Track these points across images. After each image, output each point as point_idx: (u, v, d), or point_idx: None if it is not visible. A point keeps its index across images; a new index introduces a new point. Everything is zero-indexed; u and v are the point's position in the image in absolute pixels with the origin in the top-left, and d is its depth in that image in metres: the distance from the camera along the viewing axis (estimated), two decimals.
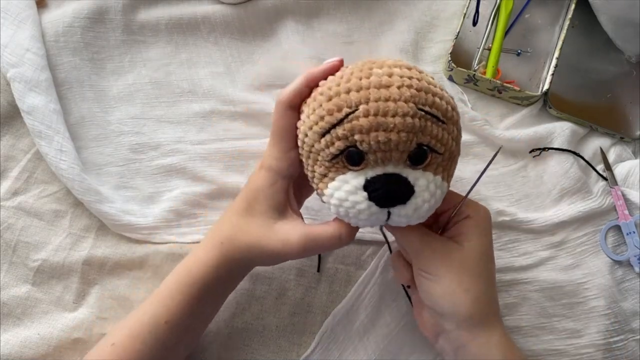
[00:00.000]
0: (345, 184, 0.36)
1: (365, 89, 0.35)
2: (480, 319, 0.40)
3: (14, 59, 0.52)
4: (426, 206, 0.36)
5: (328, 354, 0.49)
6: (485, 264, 0.41)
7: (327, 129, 0.35)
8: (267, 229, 0.41)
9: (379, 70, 0.35)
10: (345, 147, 0.35)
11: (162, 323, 0.42)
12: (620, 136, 0.57)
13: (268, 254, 0.41)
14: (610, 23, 0.57)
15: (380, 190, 0.35)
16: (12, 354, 0.48)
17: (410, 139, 0.34)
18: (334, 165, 0.36)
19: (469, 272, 0.40)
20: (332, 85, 0.36)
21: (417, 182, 0.36)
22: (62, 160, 0.50)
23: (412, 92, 0.34)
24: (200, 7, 0.58)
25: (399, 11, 0.60)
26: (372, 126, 0.34)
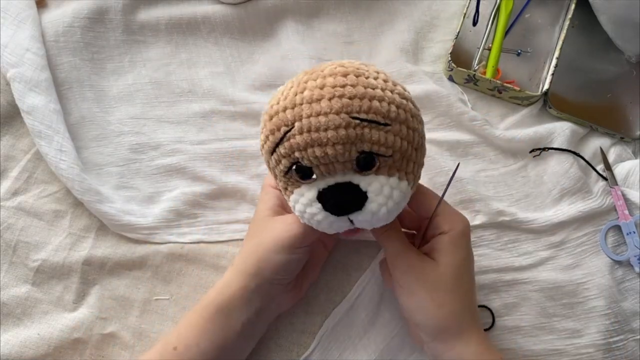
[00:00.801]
0: (301, 197, 0.37)
1: (299, 105, 0.34)
2: (455, 332, 0.41)
3: (14, 59, 0.52)
4: (384, 209, 0.36)
5: (328, 354, 0.49)
6: (459, 280, 0.41)
7: (273, 148, 0.36)
8: (265, 223, 0.44)
9: (313, 83, 0.35)
10: (291, 163, 0.36)
11: (170, 349, 0.42)
12: (620, 136, 0.57)
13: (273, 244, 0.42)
14: (610, 23, 0.57)
15: (332, 201, 0.36)
16: (12, 354, 0.48)
17: (348, 150, 0.34)
18: (289, 179, 0.37)
19: (441, 288, 0.41)
20: (273, 103, 0.37)
21: (369, 187, 0.36)
22: (62, 160, 0.50)
23: (343, 101, 0.34)
24: (200, 7, 0.58)
25: (399, 11, 0.60)
26: (307, 143, 0.34)
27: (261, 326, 0.47)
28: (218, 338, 0.43)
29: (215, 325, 0.43)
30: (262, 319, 0.46)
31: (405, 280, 0.42)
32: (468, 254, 0.43)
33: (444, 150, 0.56)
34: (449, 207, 0.44)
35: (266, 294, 0.44)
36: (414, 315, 0.43)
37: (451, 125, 0.56)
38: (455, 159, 0.56)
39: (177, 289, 0.51)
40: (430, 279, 0.41)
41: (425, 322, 0.42)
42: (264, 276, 0.43)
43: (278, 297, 0.46)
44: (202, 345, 0.42)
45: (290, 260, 0.43)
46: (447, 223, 0.42)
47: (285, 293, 0.47)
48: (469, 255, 0.43)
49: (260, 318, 0.45)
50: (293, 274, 0.45)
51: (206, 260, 0.51)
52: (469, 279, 0.43)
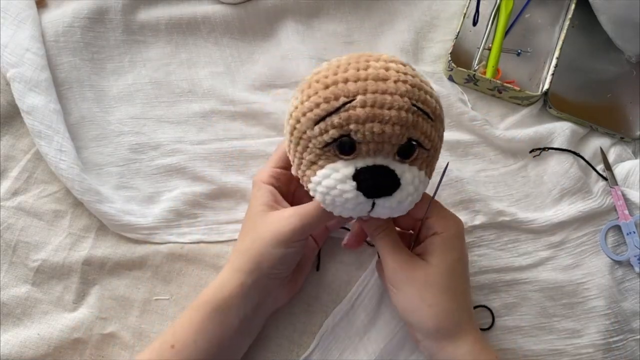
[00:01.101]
0: (335, 172, 0.36)
1: (363, 80, 0.35)
2: (447, 332, 0.42)
3: (13, 59, 0.52)
4: (409, 199, 0.37)
5: (328, 354, 0.49)
6: (450, 280, 0.42)
7: (323, 116, 0.36)
8: (261, 218, 0.44)
9: (376, 64, 0.36)
10: (340, 135, 0.36)
11: (167, 348, 0.42)
12: (620, 136, 0.57)
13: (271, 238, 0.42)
14: (610, 23, 0.57)
15: (370, 181, 0.36)
16: (12, 354, 0.48)
17: (403, 133, 0.35)
18: (325, 153, 0.37)
19: (432, 289, 0.41)
20: (328, 73, 0.37)
21: (403, 175, 0.36)
22: (62, 160, 0.50)
23: (407, 87, 0.35)
24: (200, 7, 0.58)
25: (399, 11, 0.60)
26: (369, 117, 0.34)
27: (258, 322, 0.47)
28: (215, 335, 0.43)
29: (213, 322, 0.43)
30: (259, 315, 0.46)
31: (396, 280, 0.43)
32: (461, 255, 0.43)
33: (444, 150, 0.55)
34: (442, 208, 0.44)
35: (263, 289, 0.44)
36: (406, 314, 0.43)
37: (451, 125, 0.56)
38: (455, 159, 0.56)
39: (177, 289, 0.51)
40: (421, 279, 0.41)
41: (417, 321, 0.43)
42: (261, 271, 0.43)
43: (275, 291, 0.46)
44: (200, 342, 0.42)
45: (288, 254, 0.43)
46: (439, 224, 0.43)
47: (281, 287, 0.47)
48: (462, 257, 0.43)
49: (258, 314, 0.45)
50: (290, 267, 0.46)
51: (206, 260, 0.51)
52: (462, 279, 0.43)
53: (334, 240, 0.52)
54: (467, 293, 0.44)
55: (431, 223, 0.43)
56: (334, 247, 0.52)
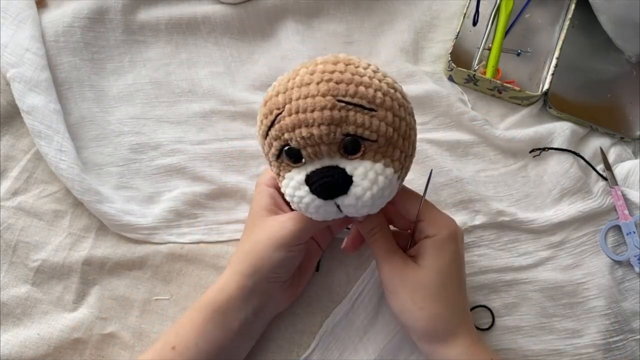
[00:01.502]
0: (291, 180, 0.38)
1: (290, 89, 0.36)
2: (440, 335, 0.42)
3: (13, 59, 0.52)
4: (368, 194, 0.37)
5: (328, 354, 0.49)
6: (443, 283, 0.42)
7: (265, 131, 0.38)
8: (261, 222, 0.44)
9: (304, 69, 0.37)
10: (281, 146, 0.37)
11: (168, 349, 0.42)
12: (620, 136, 0.57)
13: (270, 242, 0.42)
14: (610, 23, 0.57)
15: (318, 183, 0.36)
16: (12, 354, 0.48)
17: (333, 131, 0.35)
18: (281, 164, 0.39)
19: (423, 292, 0.42)
20: (269, 90, 0.38)
21: (354, 171, 0.36)
22: (62, 160, 0.50)
23: (330, 85, 0.35)
24: (200, 7, 0.58)
25: (399, 11, 0.60)
26: (295, 124, 0.36)
27: (259, 326, 0.47)
28: (217, 338, 0.43)
29: (214, 325, 0.43)
30: (260, 319, 0.46)
31: (389, 283, 0.43)
32: (454, 258, 0.43)
33: (444, 150, 0.56)
34: (435, 211, 0.44)
35: (264, 292, 0.44)
36: (399, 316, 0.44)
37: (451, 125, 0.56)
38: (455, 159, 0.56)
39: (177, 289, 0.51)
40: (412, 282, 0.42)
41: (409, 323, 0.43)
42: (261, 274, 0.43)
43: (275, 295, 0.46)
44: (201, 344, 0.42)
45: (287, 258, 0.43)
46: (432, 227, 0.43)
47: (282, 291, 0.47)
48: (455, 259, 0.43)
49: (259, 317, 0.45)
50: (290, 271, 0.46)
51: (206, 261, 0.51)
52: (456, 282, 0.43)
53: (333, 240, 0.52)
54: (461, 295, 0.44)
55: (423, 226, 0.43)
56: (334, 247, 0.52)
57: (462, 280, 0.44)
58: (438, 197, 0.53)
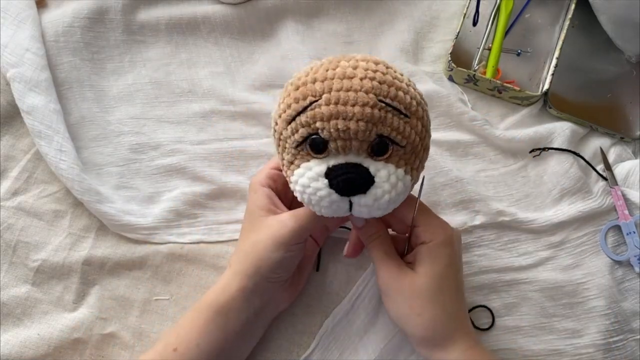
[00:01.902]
0: (309, 170, 0.37)
1: (330, 79, 0.36)
2: (436, 340, 0.42)
3: (13, 59, 0.52)
4: (386, 197, 0.37)
5: (328, 354, 0.49)
6: (439, 288, 0.42)
7: (293, 116, 0.36)
8: (259, 222, 0.44)
9: (345, 63, 0.37)
10: (308, 134, 0.36)
11: (170, 350, 0.42)
12: (620, 136, 0.57)
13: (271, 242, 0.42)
14: (610, 23, 0.57)
15: (340, 178, 0.36)
16: (12, 354, 0.48)
17: (369, 129, 0.35)
18: (299, 152, 0.38)
19: (419, 298, 0.42)
20: (301, 75, 0.37)
21: (378, 172, 0.36)
22: (62, 160, 0.50)
23: (373, 84, 0.35)
24: (200, 7, 0.58)
25: (399, 11, 0.60)
26: (332, 114, 0.35)
27: (261, 326, 0.47)
28: (218, 339, 0.43)
29: (215, 326, 0.43)
30: (261, 319, 0.46)
31: (386, 288, 0.43)
32: (449, 262, 0.43)
33: (444, 150, 0.56)
34: (430, 216, 0.44)
35: (265, 292, 0.44)
36: (397, 322, 0.44)
37: (451, 125, 0.56)
38: (455, 159, 0.56)
39: (177, 289, 0.51)
40: (407, 288, 0.42)
41: (407, 329, 0.43)
42: (262, 275, 0.43)
43: (276, 295, 0.46)
44: (203, 346, 0.42)
45: (287, 258, 0.43)
46: (427, 233, 0.43)
47: (282, 291, 0.47)
48: (450, 264, 0.43)
49: (260, 318, 0.46)
50: (290, 271, 0.46)
51: (206, 261, 0.51)
52: (453, 286, 0.43)
53: (333, 240, 0.52)
54: (458, 299, 0.44)
55: (419, 232, 0.43)
56: (334, 247, 0.52)
57: (459, 284, 0.44)
58: (438, 197, 0.53)
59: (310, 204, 0.38)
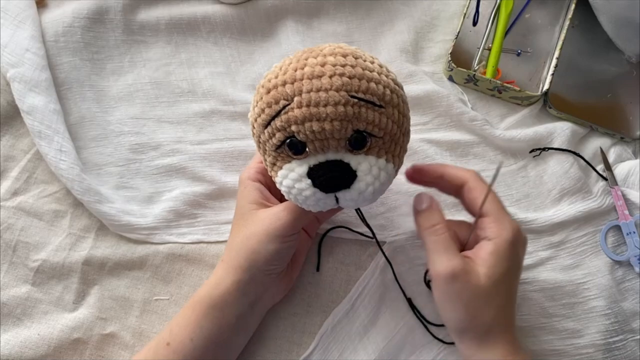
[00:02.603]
0: (291, 172, 0.37)
1: (299, 80, 0.35)
2: (479, 339, 0.40)
3: (13, 59, 0.52)
4: (370, 189, 0.37)
5: (328, 354, 0.49)
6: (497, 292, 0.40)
7: (268, 120, 0.36)
8: (251, 216, 0.44)
9: (313, 60, 0.36)
10: (285, 137, 0.36)
11: (163, 345, 0.42)
12: (620, 136, 0.57)
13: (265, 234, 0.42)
14: (610, 23, 0.57)
15: (323, 177, 0.36)
16: (12, 354, 0.48)
17: (345, 127, 0.35)
18: (280, 154, 0.38)
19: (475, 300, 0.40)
20: (271, 77, 0.37)
21: (359, 166, 0.36)
22: (62, 161, 0.50)
23: (343, 80, 0.35)
24: (200, 7, 0.58)
25: (399, 11, 0.60)
26: (306, 117, 0.35)
27: (255, 319, 0.47)
28: (212, 333, 0.43)
29: (209, 320, 0.43)
30: (256, 312, 0.46)
31: (438, 280, 0.40)
32: (512, 266, 0.41)
33: (444, 150, 0.56)
34: (500, 209, 0.41)
35: (259, 285, 0.44)
36: (442, 314, 0.42)
37: (451, 125, 0.56)
38: (455, 159, 0.56)
39: (177, 289, 0.51)
40: (464, 287, 0.39)
41: (452, 325, 0.41)
42: (257, 267, 0.43)
43: (270, 287, 0.46)
44: (196, 340, 0.42)
45: (282, 249, 0.43)
46: (493, 228, 0.40)
47: (276, 283, 0.47)
48: (512, 268, 0.41)
49: (254, 311, 0.46)
50: (284, 263, 0.46)
51: (206, 261, 0.51)
52: (510, 292, 0.41)
53: (334, 240, 0.52)
54: (510, 303, 0.42)
55: (485, 224, 0.41)
56: (334, 247, 0.52)
57: (516, 288, 0.42)
58: (438, 197, 0.53)
59: (298, 202, 0.39)
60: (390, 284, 0.51)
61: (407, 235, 0.52)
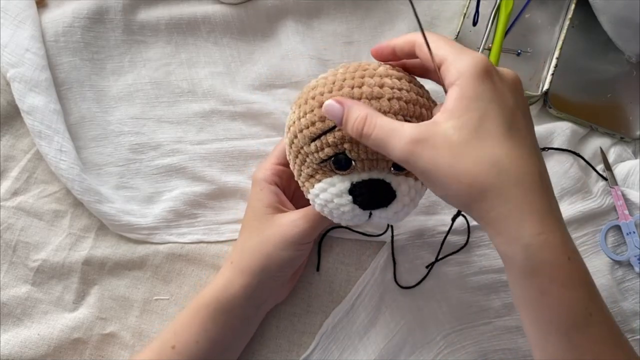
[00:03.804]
0: (332, 187, 0.37)
1: (357, 98, 0.35)
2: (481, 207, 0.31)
3: (13, 59, 0.52)
4: (406, 210, 0.38)
5: (328, 354, 0.49)
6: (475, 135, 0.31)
7: (318, 134, 0.36)
8: (267, 220, 0.44)
9: (370, 80, 0.36)
10: (335, 153, 0.36)
11: (168, 347, 0.42)
12: (620, 136, 0.57)
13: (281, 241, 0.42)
14: (610, 23, 0.57)
15: (365, 195, 0.37)
16: (12, 354, 0.48)
17: None
18: (322, 168, 0.38)
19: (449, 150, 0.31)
20: (324, 90, 0.37)
21: (399, 187, 0.37)
22: (62, 160, 0.50)
23: (401, 104, 0.36)
24: (200, 7, 0.58)
25: (399, 11, 0.60)
26: None
27: (257, 320, 0.47)
28: (218, 336, 0.43)
29: (216, 323, 0.43)
30: (260, 314, 0.47)
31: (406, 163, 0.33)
32: (491, 103, 0.32)
33: None
34: (454, 48, 0.34)
35: (267, 290, 0.45)
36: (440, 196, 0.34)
37: None
38: None
39: (177, 289, 0.51)
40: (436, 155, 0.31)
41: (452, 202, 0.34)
42: (268, 273, 0.43)
43: (276, 291, 0.47)
44: (202, 343, 0.42)
45: (296, 257, 0.43)
46: (452, 70, 0.33)
47: (282, 286, 0.47)
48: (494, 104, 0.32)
49: (259, 313, 0.46)
50: (295, 269, 0.46)
51: (206, 260, 0.51)
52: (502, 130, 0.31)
53: (334, 240, 0.52)
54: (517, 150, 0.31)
55: (444, 72, 0.34)
56: (334, 247, 0.52)
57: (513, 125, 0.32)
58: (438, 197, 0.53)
59: (331, 215, 0.39)
60: (390, 284, 0.51)
61: (407, 235, 0.52)
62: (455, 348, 0.50)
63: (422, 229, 0.52)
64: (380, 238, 0.51)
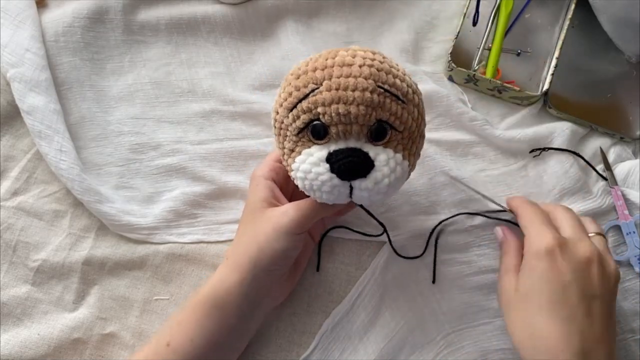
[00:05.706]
0: (310, 156, 0.38)
1: (330, 67, 0.37)
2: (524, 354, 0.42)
3: (13, 59, 0.52)
4: (386, 181, 0.38)
5: (328, 354, 0.49)
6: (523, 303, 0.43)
7: (295, 103, 0.38)
8: (260, 214, 0.44)
9: (344, 52, 0.38)
10: (310, 120, 0.37)
11: (163, 345, 0.42)
12: (620, 136, 0.57)
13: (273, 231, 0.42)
14: (610, 23, 0.57)
15: (342, 162, 0.37)
16: (12, 354, 0.48)
17: (369, 113, 0.36)
18: (300, 139, 0.39)
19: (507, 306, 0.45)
20: (301, 65, 0.39)
21: (377, 157, 0.37)
22: (62, 160, 0.50)
23: (372, 70, 0.37)
24: (200, 7, 0.58)
25: (399, 11, 0.60)
26: (333, 99, 0.36)
27: (256, 321, 0.47)
28: (213, 333, 0.43)
29: (211, 320, 0.43)
30: (257, 314, 0.46)
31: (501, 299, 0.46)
32: (543, 279, 0.42)
33: (444, 150, 0.56)
34: (531, 223, 0.46)
35: (262, 285, 0.44)
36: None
37: (451, 125, 0.56)
38: (455, 158, 0.56)
39: (177, 289, 0.51)
40: (505, 300, 0.45)
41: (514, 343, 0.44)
42: (262, 267, 0.43)
43: (273, 289, 0.46)
44: (197, 340, 0.42)
45: (288, 248, 0.43)
46: (526, 246, 0.44)
47: (278, 285, 0.47)
48: (545, 280, 0.42)
49: (255, 312, 0.45)
50: (289, 263, 0.46)
51: (206, 260, 0.51)
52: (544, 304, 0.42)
53: (334, 240, 0.52)
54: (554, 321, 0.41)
55: (524, 244, 0.45)
56: (334, 247, 0.52)
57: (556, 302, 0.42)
58: (438, 197, 0.53)
59: (312, 189, 0.39)
60: (390, 284, 0.51)
61: (407, 235, 0.52)
62: (455, 348, 0.50)
63: (422, 229, 0.52)
64: (380, 238, 0.51)
